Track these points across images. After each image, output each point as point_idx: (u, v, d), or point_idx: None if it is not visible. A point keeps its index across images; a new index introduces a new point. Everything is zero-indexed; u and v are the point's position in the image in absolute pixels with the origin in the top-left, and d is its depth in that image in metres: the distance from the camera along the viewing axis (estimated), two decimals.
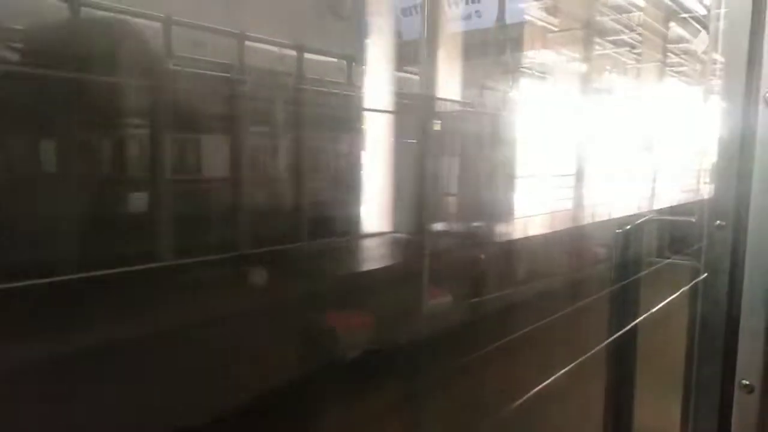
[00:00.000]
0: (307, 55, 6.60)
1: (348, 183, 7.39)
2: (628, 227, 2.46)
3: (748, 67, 1.00)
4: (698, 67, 18.62)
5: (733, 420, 1.05)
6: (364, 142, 7.76)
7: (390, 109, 7.97)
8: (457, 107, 9.03)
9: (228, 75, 5.68)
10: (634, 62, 16.83)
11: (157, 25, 5.07)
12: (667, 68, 18.72)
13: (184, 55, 5.20)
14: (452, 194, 8.83)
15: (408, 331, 4.85)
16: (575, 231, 10.15)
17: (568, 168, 13.12)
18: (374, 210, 8.10)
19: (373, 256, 7.04)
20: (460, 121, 8.90)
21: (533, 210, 10.59)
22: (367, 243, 7.35)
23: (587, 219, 11.35)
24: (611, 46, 16.55)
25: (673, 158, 17.78)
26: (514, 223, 9.62)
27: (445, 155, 8.62)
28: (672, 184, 16.48)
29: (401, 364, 4.36)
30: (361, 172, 7.57)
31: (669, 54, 17.86)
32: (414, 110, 8.47)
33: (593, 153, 15.44)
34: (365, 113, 7.77)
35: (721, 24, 1.03)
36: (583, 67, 15.51)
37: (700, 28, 15.63)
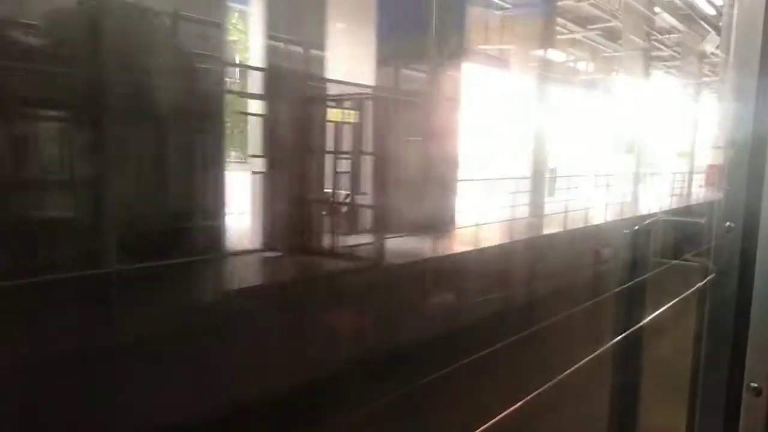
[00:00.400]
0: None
1: (190, 183, 5.95)
2: (637, 228, 2.45)
3: (761, 67, 0.99)
4: (707, 67, 18.53)
5: (741, 423, 1.05)
6: (224, 134, 6.30)
7: (268, 92, 6.57)
8: (368, 92, 7.73)
9: None
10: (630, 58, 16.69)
11: None
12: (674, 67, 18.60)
13: None
14: (361, 204, 7.32)
15: None
16: (515, 246, 8.61)
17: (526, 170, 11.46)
18: (239, 221, 6.76)
19: (206, 287, 5.56)
20: (375, 111, 7.46)
21: (465, 221, 9.10)
22: (212, 265, 5.88)
23: (520, 233, 9.69)
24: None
25: (661, 161, 17.49)
26: (441, 238, 8.14)
27: (351, 153, 7.23)
28: (658, 189, 16.11)
29: None
30: (215, 170, 6.05)
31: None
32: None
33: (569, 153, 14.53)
34: (226, 96, 6.43)
35: (734, 22, 1.01)
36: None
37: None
